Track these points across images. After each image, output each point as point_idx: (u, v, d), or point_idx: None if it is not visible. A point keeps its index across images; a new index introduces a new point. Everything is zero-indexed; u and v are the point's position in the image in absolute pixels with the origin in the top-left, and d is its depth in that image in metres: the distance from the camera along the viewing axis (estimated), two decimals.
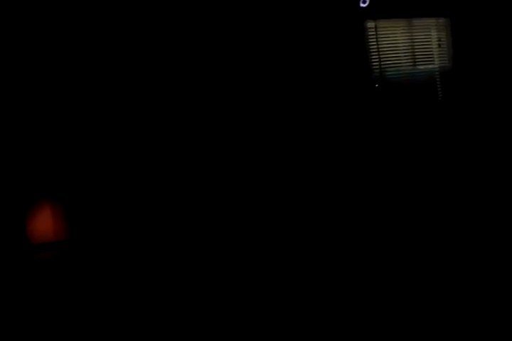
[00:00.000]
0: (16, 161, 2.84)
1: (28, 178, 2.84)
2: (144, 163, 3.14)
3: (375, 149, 3.73)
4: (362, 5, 3.69)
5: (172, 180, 3.20)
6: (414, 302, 2.08)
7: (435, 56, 4.06)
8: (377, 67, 3.85)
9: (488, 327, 1.86)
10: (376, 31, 3.87)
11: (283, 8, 3.54)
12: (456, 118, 3.98)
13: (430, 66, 4.00)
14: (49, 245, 2.77)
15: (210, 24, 3.37)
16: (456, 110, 3.99)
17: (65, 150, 2.96)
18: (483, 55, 4.06)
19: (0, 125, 2.86)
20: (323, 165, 3.57)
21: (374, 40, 3.86)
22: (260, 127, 3.47)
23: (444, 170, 3.81)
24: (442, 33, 4.10)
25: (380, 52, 3.87)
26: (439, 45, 4.10)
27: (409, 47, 3.99)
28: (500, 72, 4.05)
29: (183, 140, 3.28)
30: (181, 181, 3.22)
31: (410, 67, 3.95)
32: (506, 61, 4.07)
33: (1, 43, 2.89)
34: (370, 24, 3.84)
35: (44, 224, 2.79)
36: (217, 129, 3.37)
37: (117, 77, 3.16)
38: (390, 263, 2.55)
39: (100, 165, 3.04)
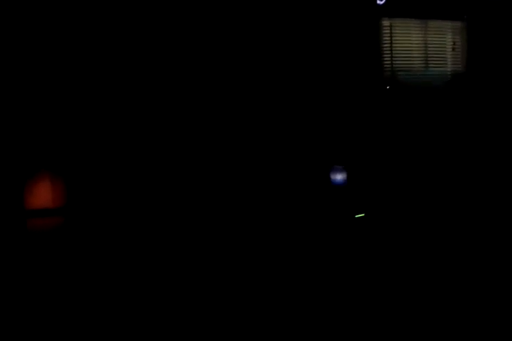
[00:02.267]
0: (17, 134, 2.89)
1: (28, 150, 2.92)
2: (138, 135, 3.14)
3: (385, 149, 3.64)
4: (379, 2, 3.58)
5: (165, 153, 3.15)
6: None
7: (448, 60, 3.96)
8: (389, 67, 3.75)
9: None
10: (391, 30, 3.77)
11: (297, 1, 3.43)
12: (467, 122, 3.89)
13: (442, 69, 3.91)
14: (46, 211, 2.92)
15: (217, 19, 3.26)
16: (467, 114, 3.90)
17: (65, 125, 3.00)
18: (497, 61, 3.97)
19: (3, 98, 2.86)
20: (331, 163, 3.49)
21: (388, 39, 3.76)
22: (270, 124, 3.38)
23: (453, 171, 3.74)
24: (457, 36, 4.01)
25: (393, 52, 3.77)
26: (453, 49, 4.01)
27: (423, 49, 3.89)
28: None
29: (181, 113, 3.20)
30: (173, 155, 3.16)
31: (422, 70, 3.86)
32: None
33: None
34: (386, 22, 3.74)
35: (42, 191, 2.93)
36: (225, 128, 3.28)
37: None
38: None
39: (99, 138, 3.05)
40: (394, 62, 3.77)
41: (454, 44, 4.00)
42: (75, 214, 2.97)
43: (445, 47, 3.99)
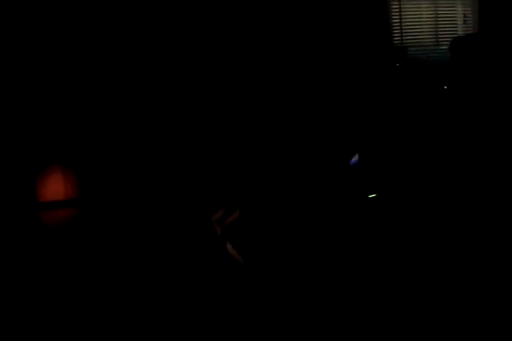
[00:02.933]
0: (28, 127, 2.90)
1: (39, 142, 2.93)
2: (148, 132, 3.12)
3: (396, 129, 3.59)
4: None
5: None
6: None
7: (459, 34, 3.85)
8: (400, 43, 3.65)
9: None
10: (400, 4, 3.65)
11: None
12: (476, 101, 3.82)
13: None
14: (59, 203, 2.91)
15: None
16: (477, 93, 3.82)
17: (76, 118, 3.01)
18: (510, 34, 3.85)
19: (15, 91, 2.86)
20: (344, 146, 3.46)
21: (397, 14, 3.64)
22: (279, 108, 3.33)
23: (466, 151, 3.69)
24: (468, 8, 3.88)
25: (403, 28, 3.67)
26: (464, 22, 3.89)
27: (433, 24, 3.77)
28: None
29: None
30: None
31: (433, 45, 3.76)
32: None
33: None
34: None
35: (54, 183, 2.93)
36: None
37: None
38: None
39: (110, 130, 3.06)
40: (404, 38, 3.67)
41: (465, 16, 3.87)
42: (88, 205, 2.98)
43: (456, 21, 3.87)
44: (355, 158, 3.43)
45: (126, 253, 2.70)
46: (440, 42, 3.78)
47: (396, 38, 3.65)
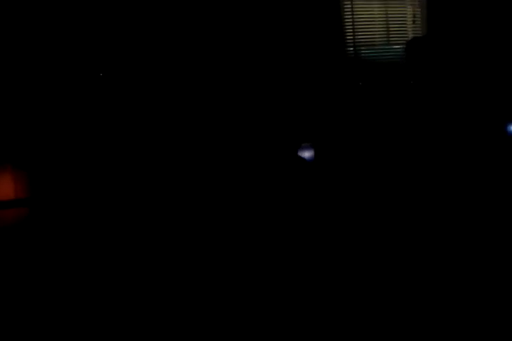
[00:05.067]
0: None
1: None
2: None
3: (350, 126, 3.67)
4: None
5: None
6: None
7: (409, 34, 3.97)
8: (352, 42, 3.73)
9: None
10: (352, 4, 3.73)
11: None
12: (429, 98, 3.95)
13: (404, 43, 3.91)
14: (9, 202, 2.94)
15: None
16: (428, 91, 3.96)
17: (25, 118, 2.98)
18: (458, 34, 4.00)
19: None
20: (299, 141, 3.50)
21: (349, 13, 3.72)
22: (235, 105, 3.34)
23: (416, 146, 3.82)
24: (418, 9, 4.01)
25: (355, 27, 3.75)
26: (414, 22, 4.01)
27: (384, 23, 3.88)
28: (476, 51, 4.00)
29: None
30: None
31: (384, 44, 3.87)
32: (482, 39, 4.01)
33: None
34: None
35: (3, 182, 2.95)
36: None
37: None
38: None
39: (62, 130, 3.04)
40: (356, 37, 3.76)
41: (414, 17, 4.00)
42: (39, 205, 2.93)
43: (406, 21, 3.99)
44: (309, 154, 3.50)
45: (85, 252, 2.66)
46: (391, 42, 3.89)
47: (348, 37, 3.73)
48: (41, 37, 2.94)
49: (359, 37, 3.77)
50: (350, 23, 3.73)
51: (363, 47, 3.78)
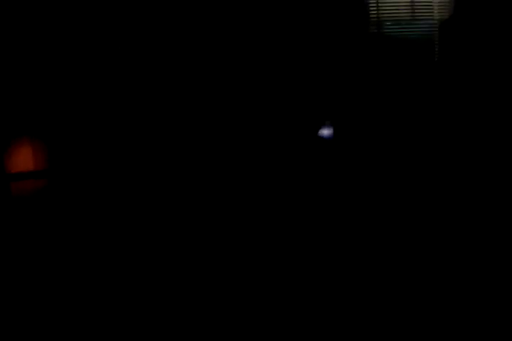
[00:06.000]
0: None
1: (6, 113, 2.89)
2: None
3: (371, 105, 3.60)
4: None
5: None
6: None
7: (435, 8, 3.83)
8: (376, 17, 3.62)
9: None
10: None
11: None
12: (454, 78, 3.84)
13: (429, 21, 3.78)
14: (28, 174, 2.92)
15: None
16: (454, 71, 3.84)
17: (44, 88, 2.97)
18: (487, 10, 3.85)
19: None
20: (319, 119, 3.45)
21: None
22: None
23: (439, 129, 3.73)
24: None
25: (379, 2, 3.63)
26: None
27: None
28: (506, 30, 3.86)
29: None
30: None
31: (409, 19, 3.74)
32: None
33: None
34: None
35: (22, 154, 2.93)
36: None
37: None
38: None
39: (81, 101, 3.02)
40: (380, 12, 3.64)
41: None
42: (58, 176, 2.94)
43: None
44: (329, 131, 3.44)
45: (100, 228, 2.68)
46: (415, 18, 3.76)
47: (373, 12, 3.62)
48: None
49: (383, 12, 3.65)
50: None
51: (386, 22, 3.66)
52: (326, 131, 3.47)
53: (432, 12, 3.82)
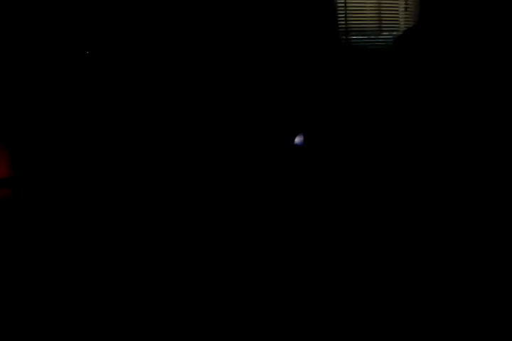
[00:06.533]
0: None
1: None
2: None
3: (340, 113, 3.66)
4: None
5: None
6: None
7: (400, 21, 3.94)
8: (344, 28, 3.68)
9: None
10: None
11: None
12: (417, 87, 3.94)
13: (394, 33, 3.88)
14: None
15: None
16: (417, 80, 3.95)
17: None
18: (450, 22, 3.97)
19: None
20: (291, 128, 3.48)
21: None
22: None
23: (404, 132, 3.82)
24: None
25: (347, 12, 3.70)
26: (406, 9, 3.97)
27: (377, 9, 3.84)
28: (467, 40, 3.98)
29: None
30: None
31: (376, 32, 3.83)
32: (475, 28, 3.98)
33: None
34: None
35: None
36: None
37: None
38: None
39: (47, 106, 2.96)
40: (348, 23, 3.71)
41: (406, 3, 3.95)
42: (22, 185, 2.87)
43: (398, 7, 3.94)
44: (300, 139, 3.48)
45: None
46: (383, 29, 3.85)
47: (341, 23, 3.68)
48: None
49: (351, 23, 3.72)
50: (343, 8, 3.67)
51: (354, 34, 3.74)
52: (295, 139, 3.51)
53: (398, 23, 3.93)
